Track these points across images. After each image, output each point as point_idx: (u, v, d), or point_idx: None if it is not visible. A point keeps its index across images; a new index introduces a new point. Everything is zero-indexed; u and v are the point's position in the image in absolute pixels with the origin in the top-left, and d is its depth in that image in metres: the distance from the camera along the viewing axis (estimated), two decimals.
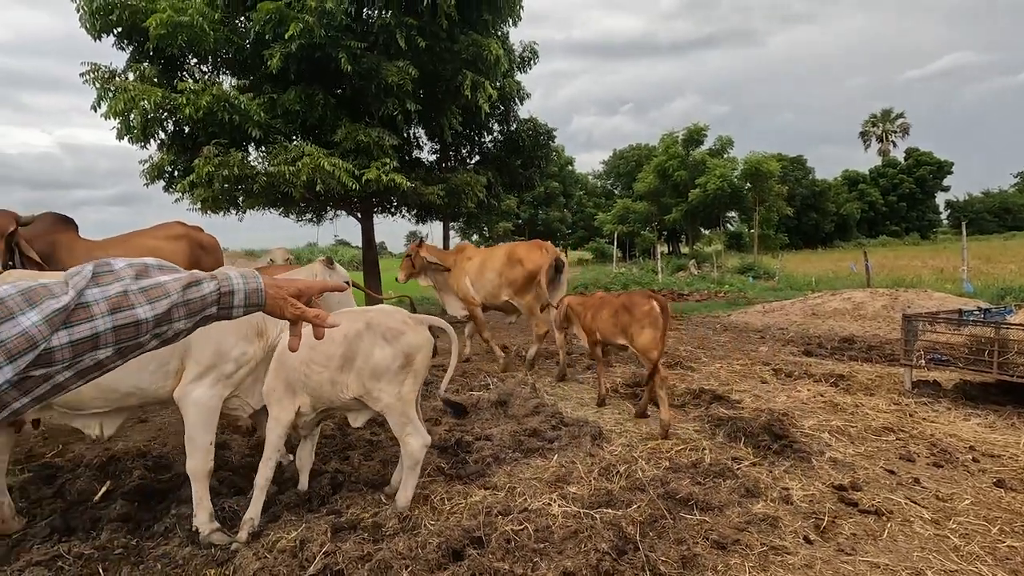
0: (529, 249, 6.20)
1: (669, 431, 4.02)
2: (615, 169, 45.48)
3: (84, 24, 7.17)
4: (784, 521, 2.79)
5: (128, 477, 3.44)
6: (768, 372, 6.00)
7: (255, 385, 3.08)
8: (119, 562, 2.61)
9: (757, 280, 18.07)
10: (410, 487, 3.01)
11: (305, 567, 2.47)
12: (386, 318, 2.99)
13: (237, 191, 7.90)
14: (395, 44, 7.78)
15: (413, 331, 2.99)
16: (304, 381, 2.94)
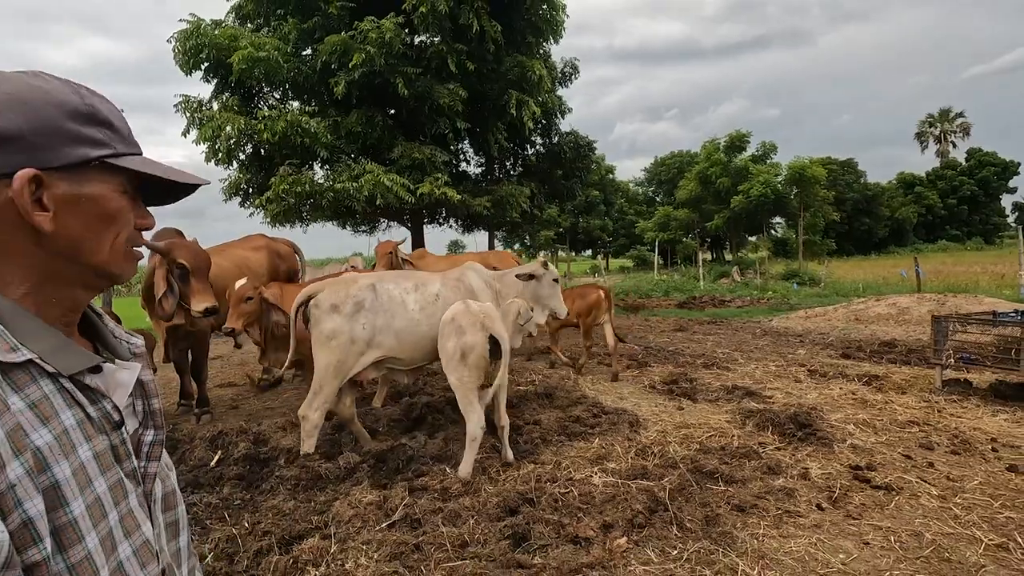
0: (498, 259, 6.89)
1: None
2: (656, 176, 45.31)
3: (177, 61, 8.15)
4: (800, 493, 3.16)
5: (235, 448, 4.10)
6: (803, 372, 6.25)
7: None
8: (239, 510, 3.23)
9: (802, 286, 17.89)
10: (469, 459, 3.54)
11: (390, 515, 3.02)
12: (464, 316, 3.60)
13: (304, 206, 8.72)
14: (446, 68, 8.44)
15: (471, 332, 3.54)
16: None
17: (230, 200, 9.50)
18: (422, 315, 3.88)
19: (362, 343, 3.78)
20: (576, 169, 12.19)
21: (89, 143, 0.66)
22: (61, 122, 0.64)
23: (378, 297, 3.86)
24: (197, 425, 4.84)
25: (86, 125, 0.66)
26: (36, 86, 0.64)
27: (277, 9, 8.93)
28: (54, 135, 0.64)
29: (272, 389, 6.33)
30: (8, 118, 0.61)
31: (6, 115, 0.61)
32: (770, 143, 26.17)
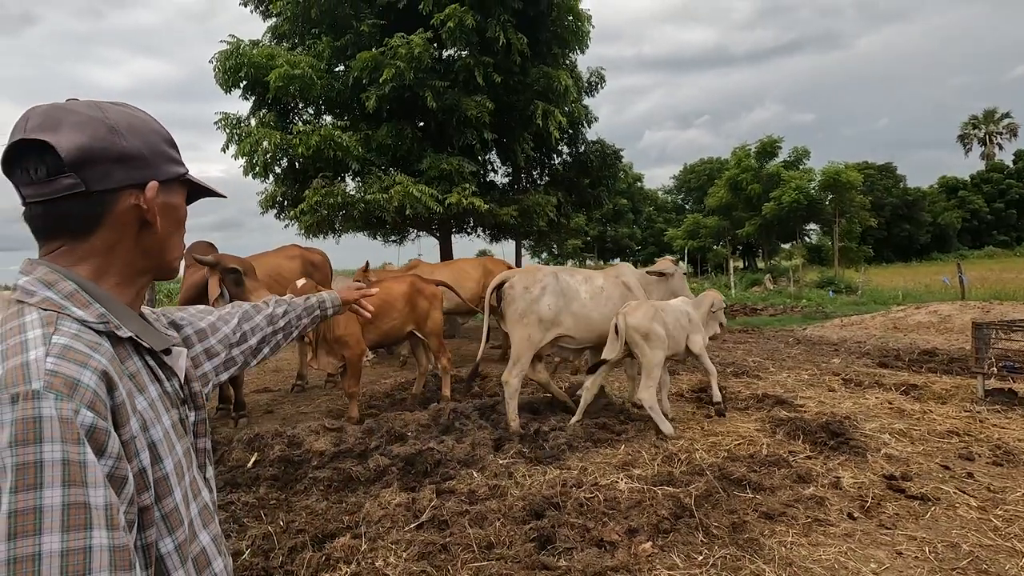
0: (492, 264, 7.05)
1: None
2: (686, 184, 44.85)
3: (218, 80, 8.54)
4: (831, 501, 3.11)
5: (271, 450, 4.24)
6: (837, 382, 6.10)
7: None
8: (274, 509, 3.35)
9: (838, 294, 17.41)
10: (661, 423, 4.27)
11: (418, 516, 3.10)
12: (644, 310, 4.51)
13: (337, 217, 8.97)
14: (474, 81, 8.60)
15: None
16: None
17: (266, 212, 9.86)
18: (592, 303, 4.71)
19: (548, 321, 4.59)
20: (603, 178, 12.18)
21: (175, 162, 0.83)
22: (160, 146, 0.80)
23: (559, 284, 4.68)
24: (235, 428, 5.03)
25: (171, 148, 0.82)
26: (140, 116, 0.80)
27: (311, 28, 9.26)
28: (158, 155, 0.79)
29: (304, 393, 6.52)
30: (133, 142, 0.76)
31: (132, 140, 0.76)
32: (802, 148, 25.65)
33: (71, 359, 0.65)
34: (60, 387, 0.62)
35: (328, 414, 5.42)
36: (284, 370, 8.07)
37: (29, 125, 0.72)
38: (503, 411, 4.88)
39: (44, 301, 0.71)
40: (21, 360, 0.64)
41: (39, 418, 0.60)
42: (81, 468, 0.60)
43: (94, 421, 0.63)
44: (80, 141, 0.71)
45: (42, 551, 0.57)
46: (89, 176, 0.72)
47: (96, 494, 0.60)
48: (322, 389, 6.71)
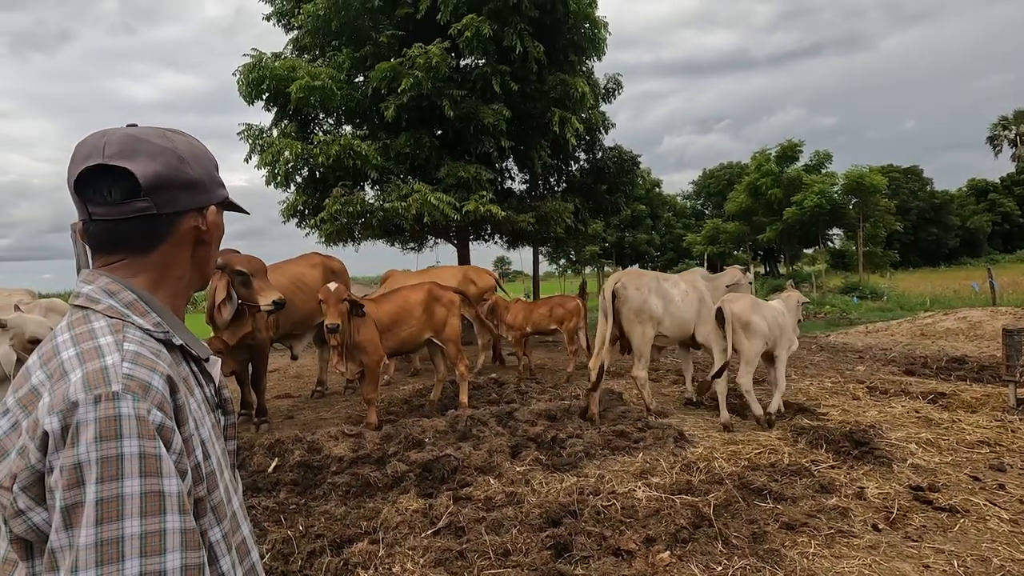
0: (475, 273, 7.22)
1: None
2: (705, 189, 44.40)
3: (241, 92, 8.72)
4: (855, 512, 3.04)
5: (291, 456, 4.30)
6: (862, 390, 5.97)
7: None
8: (294, 514, 3.39)
9: (863, 300, 17.05)
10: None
11: (435, 523, 3.11)
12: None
13: (356, 225, 9.08)
14: (491, 89, 8.66)
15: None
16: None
17: (288, 221, 10.03)
18: (683, 304, 5.27)
19: (655, 319, 5.10)
20: (620, 184, 12.14)
21: (222, 186, 0.92)
22: (212, 171, 0.89)
23: (660, 286, 5.24)
24: (256, 433, 5.11)
25: (217, 173, 0.91)
26: (198, 146, 0.88)
27: (332, 40, 9.42)
28: (211, 180, 0.88)
29: (323, 399, 6.60)
30: (197, 170, 0.85)
31: (195, 168, 0.84)
32: (824, 152, 25.21)
33: (143, 364, 0.72)
34: (136, 389, 0.69)
35: (347, 420, 5.47)
36: (304, 376, 8.19)
37: (107, 152, 0.78)
38: (520, 418, 4.88)
39: (109, 309, 0.78)
40: (100, 364, 0.70)
41: (119, 416, 0.67)
42: (156, 460, 0.67)
43: (163, 420, 0.70)
44: (156, 169, 0.79)
45: (124, 534, 0.64)
46: (160, 200, 0.80)
47: (169, 483, 0.67)
48: (341, 395, 6.79)
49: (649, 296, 5.10)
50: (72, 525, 0.63)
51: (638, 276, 5.30)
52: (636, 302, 5.07)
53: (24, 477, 0.67)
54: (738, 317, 4.72)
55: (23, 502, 0.67)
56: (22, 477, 0.67)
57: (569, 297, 7.35)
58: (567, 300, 7.13)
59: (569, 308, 6.91)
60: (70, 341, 0.74)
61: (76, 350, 0.72)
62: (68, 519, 0.63)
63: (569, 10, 9.06)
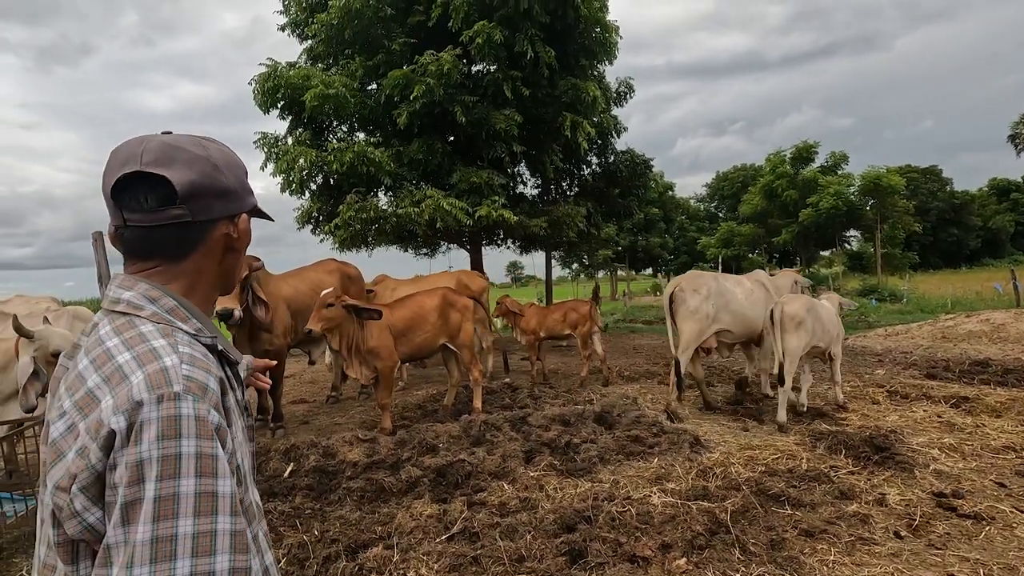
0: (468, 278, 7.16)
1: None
2: (719, 191, 44.10)
3: (257, 101, 8.87)
4: (876, 519, 2.98)
5: (306, 461, 4.33)
6: (881, 394, 5.86)
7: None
8: (309, 519, 3.41)
9: (881, 303, 16.78)
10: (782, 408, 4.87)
11: (449, 528, 3.11)
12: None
13: (370, 231, 9.16)
14: (502, 95, 8.70)
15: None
16: None
17: (303, 227, 10.15)
18: (747, 302, 5.51)
19: (711, 318, 5.33)
20: (633, 187, 12.11)
21: (251, 193, 0.93)
22: (244, 179, 0.91)
23: (719, 286, 5.45)
24: (272, 439, 5.15)
25: (247, 180, 0.92)
26: (230, 154, 0.89)
27: (345, 49, 9.54)
28: (243, 188, 0.90)
29: (338, 403, 6.64)
30: (230, 178, 0.86)
31: (228, 176, 0.86)
32: (840, 153, 24.94)
33: (199, 367, 0.74)
34: (196, 390, 0.71)
35: (362, 425, 5.50)
36: (320, 382, 8.25)
37: (145, 159, 0.79)
38: (534, 423, 4.87)
39: (153, 315, 0.79)
40: (160, 365, 0.72)
41: (179, 416, 0.69)
42: (213, 460, 0.69)
43: (219, 421, 0.73)
44: (191, 177, 0.80)
45: (178, 533, 0.65)
46: (195, 208, 0.81)
47: (223, 484, 0.69)
48: (356, 400, 6.82)
49: (708, 297, 5.33)
50: (130, 521, 0.65)
51: (697, 278, 5.55)
52: (692, 303, 5.35)
53: (84, 477, 0.68)
54: (792, 317, 4.82)
55: (80, 503, 0.69)
56: (82, 477, 0.68)
57: (582, 301, 7.32)
58: (580, 305, 7.10)
59: (582, 313, 6.88)
60: (122, 345, 0.75)
61: (132, 353, 0.74)
62: (126, 515, 0.65)
63: (580, 15, 9.09)
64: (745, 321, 5.49)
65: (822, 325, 4.99)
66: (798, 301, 4.96)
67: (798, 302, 4.94)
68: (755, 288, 5.67)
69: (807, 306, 4.91)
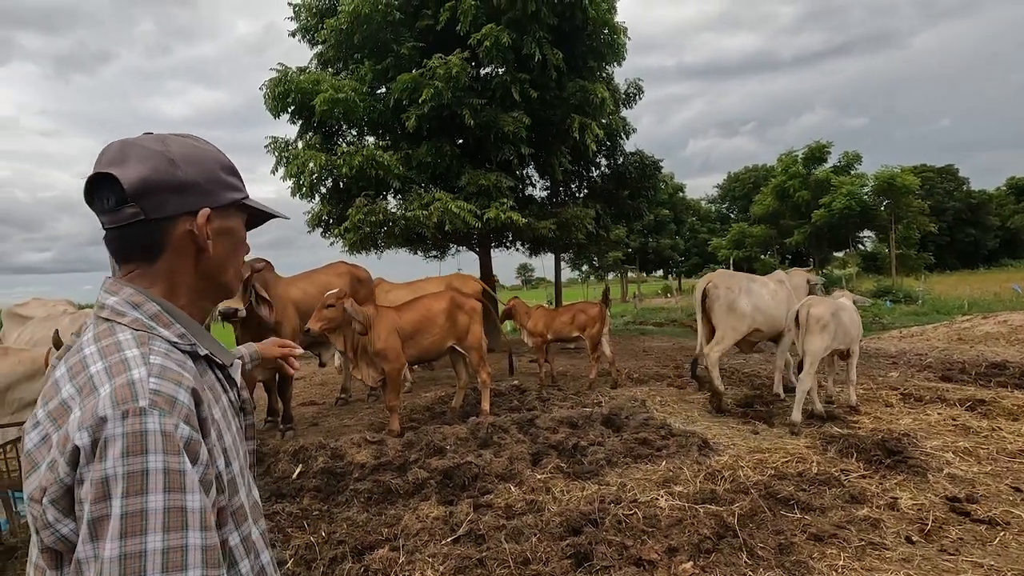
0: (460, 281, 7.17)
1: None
2: (730, 192, 43.77)
3: (267, 105, 8.97)
4: (887, 523, 2.94)
5: (315, 462, 4.35)
6: (895, 396, 5.78)
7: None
8: (316, 520, 3.43)
9: (896, 304, 16.55)
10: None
11: (455, 531, 3.11)
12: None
13: (379, 234, 9.21)
14: (510, 97, 8.71)
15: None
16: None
17: (313, 230, 10.23)
18: (773, 301, 5.70)
19: (747, 316, 5.52)
20: (642, 189, 12.07)
21: (233, 189, 0.88)
22: (218, 174, 0.86)
23: (751, 285, 5.66)
24: (282, 440, 5.19)
25: (230, 176, 0.88)
26: (200, 147, 0.86)
27: (354, 54, 9.61)
28: (216, 183, 0.85)
29: (347, 406, 6.67)
30: (187, 171, 0.82)
31: (188, 170, 0.82)
32: (853, 153, 24.64)
33: (169, 378, 0.72)
34: (162, 404, 0.70)
35: (370, 427, 5.52)
36: (330, 384, 8.29)
37: (103, 159, 0.79)
38: (541, 425, 4.86)
39: (134, 322, 0.78)
40: (127, 379, 0.71)
41: (145, 432, 0.67)
42: (180, 475, 0.68)
43: (190, 434, 0.71)
44: (141, 173, 0.78)
45: (147, 549, 0.64)
46: (147, 205, 0.79)
47: (192, 498, 0.68)
48: (365, 403, 6.86)
49: (740, 295, 5.54)
50: (98, 537, 0.64)
51: (729, 277, 5.77)
52: (726, 300, 5.54)
53: (54, 490, 0.68)
54: (817, 319, 4.84)
55: (52, 514, 0.68)
56: (52, 490, 0.68)
57: (591, 303, 7.29)
58: (589, 307, 7.07)
59: (591, 315, 6.85)
60: (97, 354, 0.74)
61: (104, 364, 0.73)
62: (94, 531, 0.64)
63: (588, 17, 9.08)
64: (772, 321, 5.66)
65: (844, 328, 5.01)
66: (824, 304, 4.98)
67: (824, 305, 4.95)
68: (778, 288, 5.84)
69: (832, 309, 4.93)
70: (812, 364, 4.84)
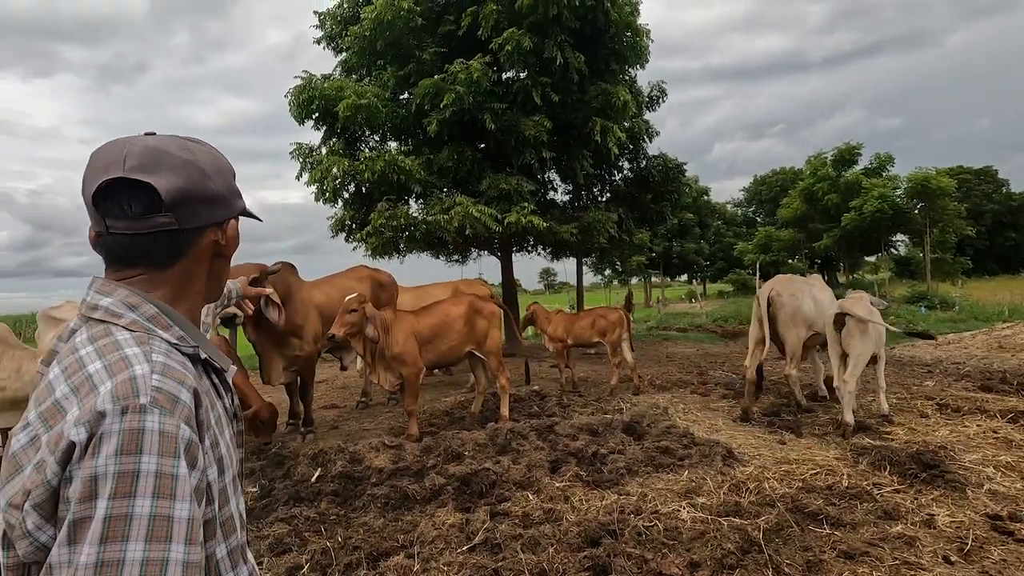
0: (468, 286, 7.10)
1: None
2: (756, 196, 43.02)
3: (292, 112, 9.13)
4: (923, 542, 2.80)
5: (333, 466, 4.36)
6: (931, 407, 5.54)
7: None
8: (333, 525, 3.42)
9: (931, 310, 15.99)
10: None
11: (471, 539, 3.06)
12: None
13: (401, 238, 9.28)
14: (531, 101, 8.70)
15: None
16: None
17: (337, 235, 10.35)
18: (832, 305, 5.42)
19: (810, 321, 5.47)
20: (665, 192, 11.93)
21: (239, 196, 0.90)
22: (232, 182, 0.87)
23: (811, 290, 5.63)
24: (302, 443, 5.22)
25: (235, 183, 0.89)
26: (218, 157, 0.86)
27: (377, 60, 9.72)
28: (231, 193, 0.86)
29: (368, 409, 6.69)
30: (218, 184, 0.83)
31: (217, 181, 0.83)
32: (885, 154, 23.98)
33: (172, 376, 0.70)
34: (164, 402, 0.67)
35: (389, 431, 5.52)
36: (351, 387, 8.35)
37: (129, 164, 0.75)
38: (561, 432, 4.79)
39: (132, 323, 0.76)
40: (129, 375, 0.68)
41: (143, 430, 0.65)
42: (172, 481, 0.65)
43: (190, 436, 0.68)
44: (178, 184, 0.77)
45: (125, 558, 0.61)
46: (181, 216, 0.78)
47: (182, 508, 0.65)
48: (385, 406, 6.87)
49: (803, 300, 5.48)
50: (76, 540, 0.61)
51: (792, 282, 5.69)
52: (791, 308, 5.47)
53: (39, 493, 0.64)
54: (860, 322, 4.75)
55: (33, 521, 0.64)
56: (36, 493, 0.64)
57: (611, 309, 7.20)
58: (609, 312, 6.98)
59: (611, 320, 6.76)
60: (95, 354, 0.72)
61: (103, 362, 0.70)
62: (74, 533, 0.61)
63: (610, 20, 9.02)
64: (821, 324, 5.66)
65: (878, 331, 4.94)
66: (862, 304, 4.88)
67: (863, 304, 4.86)
68: (822, 290, 5.82)
69: (870, 309, 4.86)
70: (858, 366, 4.75)
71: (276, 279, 4.84)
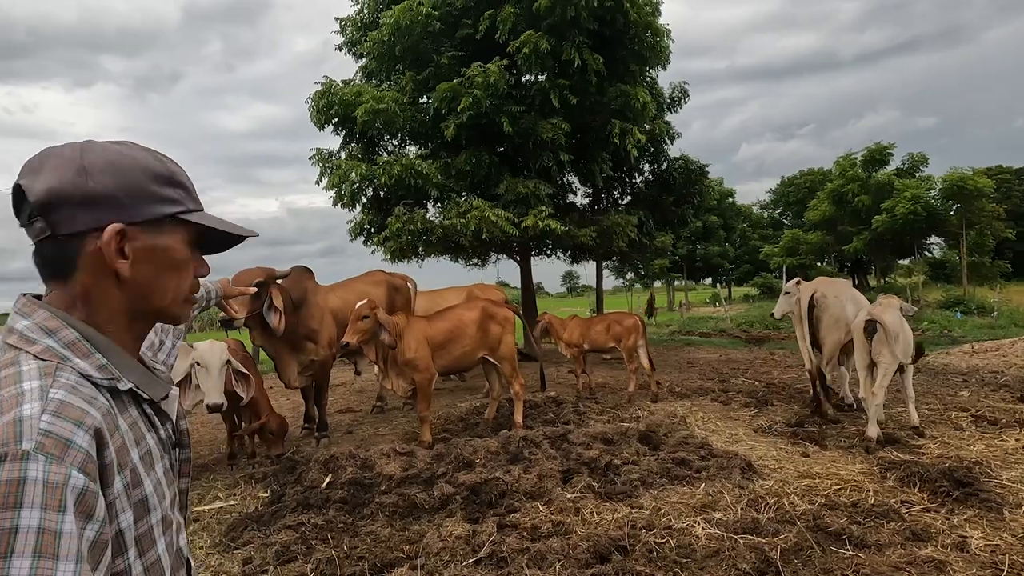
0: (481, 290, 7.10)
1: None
2: (783, 198, 42.07)
3: (312, 117, 9.23)
4: (954, 566, 2.63)
5: (343, 472, 4.34)
6: (965, 419, 5.29)
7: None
8: (341, 533, 3.39)
9: (967, 316, 15.38)
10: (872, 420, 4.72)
11: (477, 551, 2.99)
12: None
13: (418, 242, 9.29)
14: (549, 104, 8.63)
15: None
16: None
17: (355, 239, 10.41)
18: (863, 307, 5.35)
19: (848, 324, 5.28)
20: (687, 195, 11.71)
21: (167, 201, 0.76)
22: (146, 184, 0.74)
23: (852, 293, 5.58)
24: (315, 448, 5.23)
25: (164, 186, 0.76)
26: (126, 154, 0.74)
27: (396, 65, 9.77)
28: (139, 195, 0.73)
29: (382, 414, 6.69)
30: (101, 182, 0.71)
31: (99, 179, 0.71)
32: (919, 154, 23.21)
33: (67, 416, 0.63)
34: (51, 448, 0.60)
35: (403, 437, 5.50)
36: (367, 391, 8.38)
37: (22, 170, 0.71)
38: (575, 440, 4.69)
39: (45, 351, 0.68)
40: (14, 416, 0.61)
41: (24, 480, 0.57)
42: (55, 538, 0.57)
43: (85, 484, 0.61)
44: (48, 185, 0.69)
45: None
46: (55, 220, 0.70)
47: (65, 569, 0.57)
48: (400, 411, 6.86)
49: (847, 303, 5.40)
50: None
51: (834, 285, 5.66)
52: (836, 310, 5.39)
53: None
54: (892, 328, 4.60)
55: None
56: None
57: (627, 314, 7.08)
58: (625, 317, 6.86)
59: (627, 325, 6.63)
60: None
61: None
62: None
63: (629, 20, 8.89)
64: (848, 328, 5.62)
65: (907, 339, 4.80)
66: (892, 311, 4.74)
67: (892, 312, 4.73)
68: (855, 292, 5.73)
69: (900, 317, 4.75)
70: (887, 377, 4.62)
71: (291, 283, 4.85)
